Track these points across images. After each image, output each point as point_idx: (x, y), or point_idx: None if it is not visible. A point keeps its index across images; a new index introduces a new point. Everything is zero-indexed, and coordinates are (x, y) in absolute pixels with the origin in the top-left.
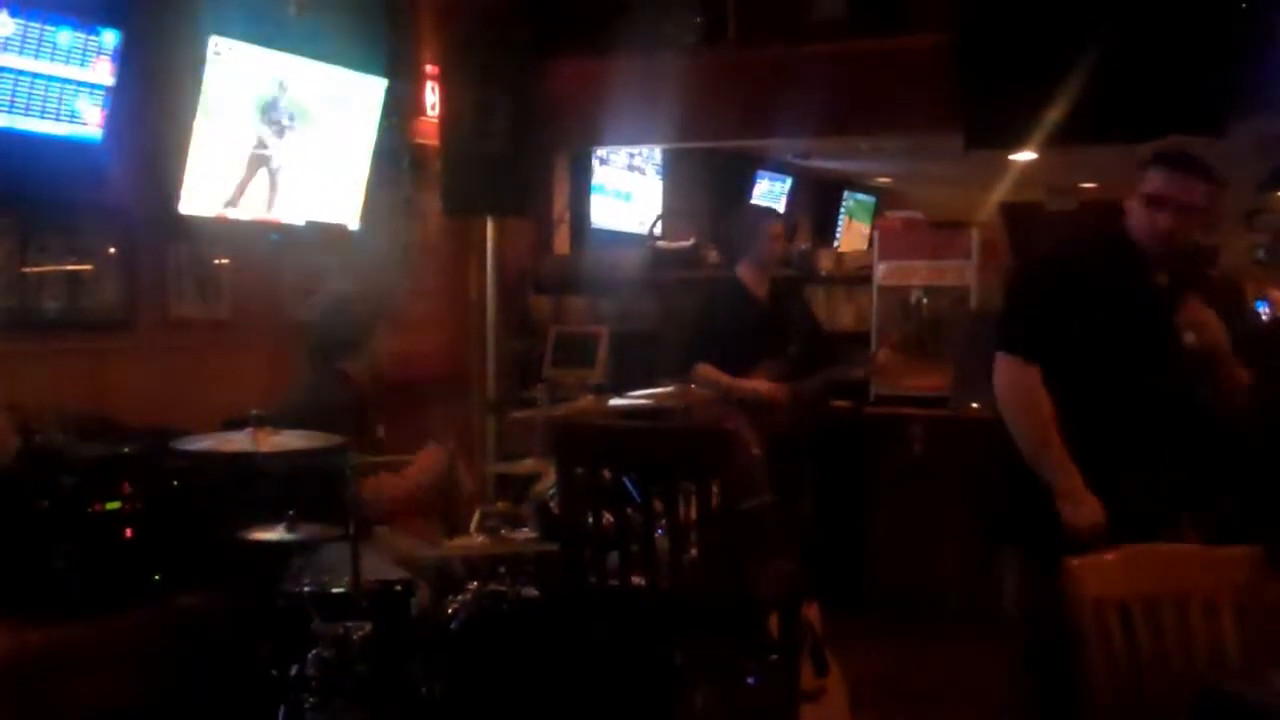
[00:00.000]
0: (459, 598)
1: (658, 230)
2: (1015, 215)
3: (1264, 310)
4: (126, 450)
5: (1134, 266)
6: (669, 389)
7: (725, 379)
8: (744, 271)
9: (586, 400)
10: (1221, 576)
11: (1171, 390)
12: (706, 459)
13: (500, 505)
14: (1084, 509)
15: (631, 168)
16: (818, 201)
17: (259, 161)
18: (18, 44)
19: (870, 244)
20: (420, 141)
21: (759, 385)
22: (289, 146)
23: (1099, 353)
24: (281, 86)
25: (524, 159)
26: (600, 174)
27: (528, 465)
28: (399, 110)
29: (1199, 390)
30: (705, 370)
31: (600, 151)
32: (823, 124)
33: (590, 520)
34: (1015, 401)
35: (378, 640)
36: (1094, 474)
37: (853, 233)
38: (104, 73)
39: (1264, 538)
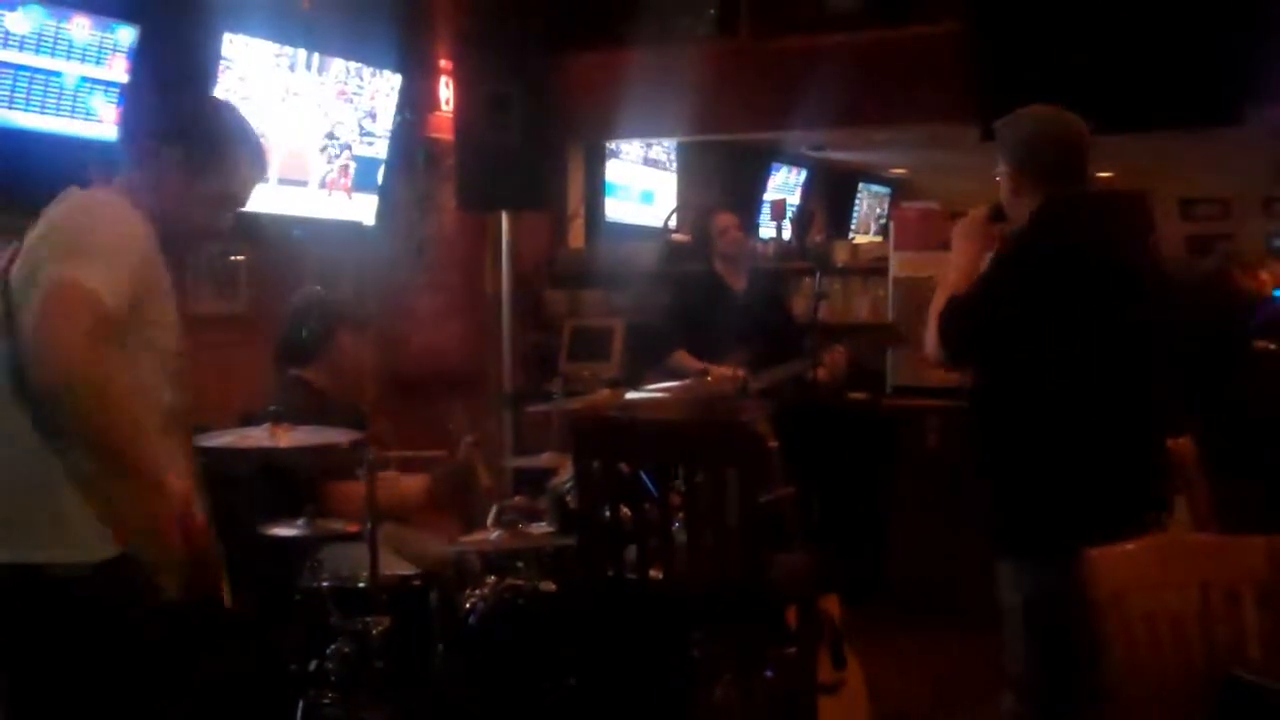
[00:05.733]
0: (477, 592)
1: (673, 223)
2: None
3: None
4: None
5: None
6: (686, 382)
7: (695, 366)
8: (719, 265)
9: (603, 394)
10: (1243, 566)
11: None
12: (723, 452)
13: (517, 499)
14: None
15: (648, 161)
16: (834, 193)
17: (272, 156)
18: (34, 41)
19: (886, 235)
20: (435, 136)
21: (711, 373)
22: (303, 141)
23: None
24: (295, 83)
25: (538, 153)
26: (616, 172)
27: (545, 459)
28: (413, 105)
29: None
30: (679, 357)
31: (613, 144)
32: (838, 115)
33: (608, 514)
34: None
35: (396, 635)
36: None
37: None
38: (119, 70)
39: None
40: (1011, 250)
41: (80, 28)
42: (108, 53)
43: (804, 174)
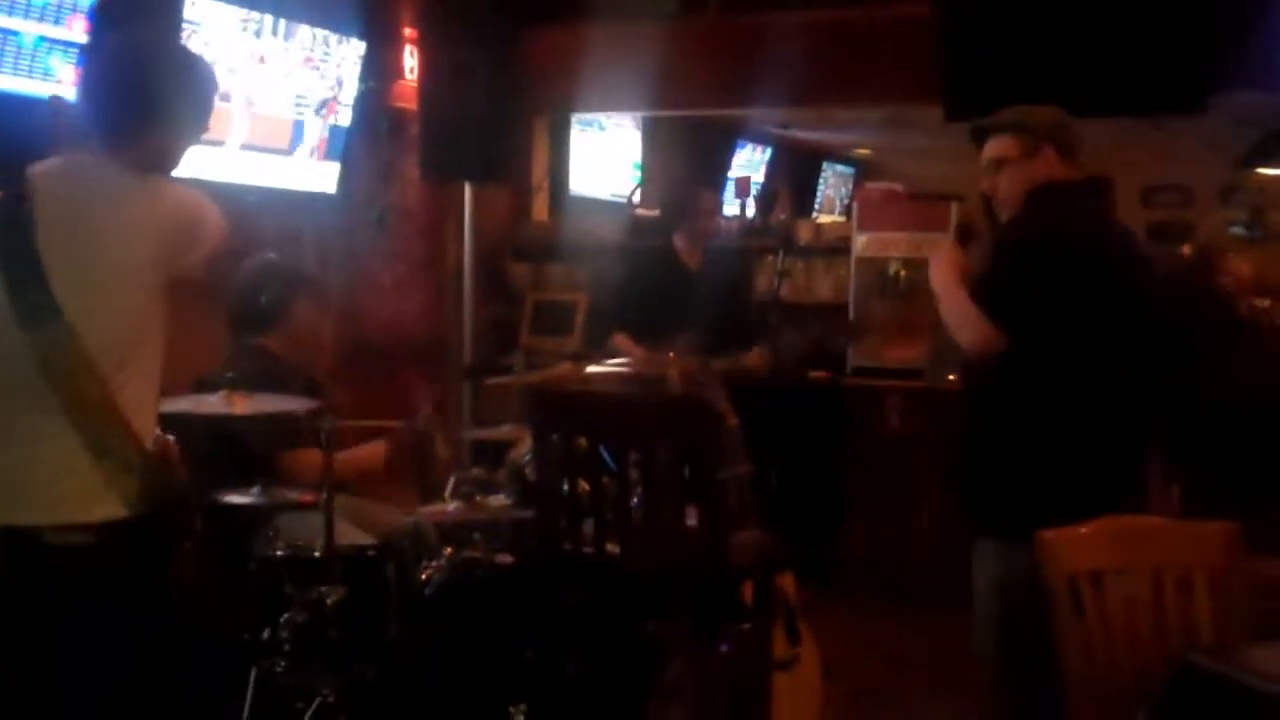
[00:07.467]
0: (433, 563)
1: (637, 198)
2: None
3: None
4: None
5: None
6: (647, 357)
7: (634, 351)
8: (678, 241)
9: (564, 367)
10: (1196, 551)
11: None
12: (683, 427)
13: (476, 472)
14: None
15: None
16: (798, 172)
17: (235, 122)
18: None
19: (849, 215)
20: (398, 105)
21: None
22: (266, 107)
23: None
24: (258, 47)
25: (503, 124)
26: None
27: (504, 432)
28: (377, 73)
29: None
30: (619, 341)
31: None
32: (802, 94)
33: (566, 488)
34: None
35: (351, 605)
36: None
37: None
38: (79, 30)
39: (1245, 513)
40: (1009, 240)
41: None
42: (67, 12)
43: (769, 152)
